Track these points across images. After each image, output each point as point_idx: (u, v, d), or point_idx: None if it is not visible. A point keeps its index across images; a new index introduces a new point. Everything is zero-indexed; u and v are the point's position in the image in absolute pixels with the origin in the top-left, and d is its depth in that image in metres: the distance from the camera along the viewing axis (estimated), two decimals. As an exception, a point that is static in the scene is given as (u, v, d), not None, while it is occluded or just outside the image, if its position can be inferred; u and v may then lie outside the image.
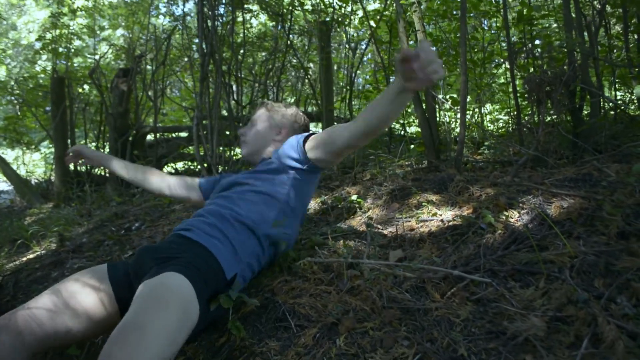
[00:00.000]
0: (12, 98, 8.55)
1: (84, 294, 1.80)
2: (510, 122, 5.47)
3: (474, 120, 5.10)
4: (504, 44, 5.49)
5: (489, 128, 5.66)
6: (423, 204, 2.66)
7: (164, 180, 2.66)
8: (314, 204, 3.20)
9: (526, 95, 3.43)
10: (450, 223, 2.37)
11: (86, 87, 8.29)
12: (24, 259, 3.94)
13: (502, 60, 5.07)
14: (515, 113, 4.57)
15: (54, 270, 3.41)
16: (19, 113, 8.79)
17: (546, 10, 4.54)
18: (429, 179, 3.09)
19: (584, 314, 1.56)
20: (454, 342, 1.57)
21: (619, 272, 1.76)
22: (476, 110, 5.25)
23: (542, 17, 4.25)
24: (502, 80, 5.77)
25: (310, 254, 2.29)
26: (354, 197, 2.93)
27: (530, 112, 4.02)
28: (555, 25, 4.88)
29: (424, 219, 2.49)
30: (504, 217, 2.29)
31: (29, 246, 4.37)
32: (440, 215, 2.49)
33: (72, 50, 8.08)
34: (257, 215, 2.11)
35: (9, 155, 13.11)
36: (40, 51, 7.94)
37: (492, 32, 5.10)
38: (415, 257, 2.17)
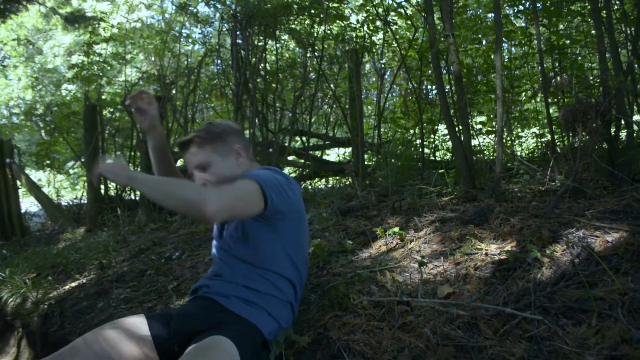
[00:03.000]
0: (41, 122, 8.76)
1: (128, 345, 1.86)
2: (539, 146, 5.50)
3: (507, 147, 5.13)
4: (531, 69, 5.55)
5: (518, 151, 5.69)
6: (466, 237, 2.70)
7: None
8: (354, 235, 3.26)
9: (562, 124, 3.46)
10: (496, 257, 2.41)
11: (116, 112, 8.48)
12: (67, 287, 4.04)
13: (532, 86, 5.11)
14: (546, 139, 4.60)
15: (99, 300, 3.50)
16: (44, 137, 9.01)
17: (576, 36, 4.58)
18: (468, 210, 3.13)
19: (639, 353, 1.60)
20: (512, 381, 1.61)
21: (670, 310, 1.80)
22: (507, 136, 5.28)
23: (574, 42, 4.29)
24: (528, 102, 5.82)
25: (359, 289, 2.35)
26: (395, 229, 2.98)
27: (562, 140, 4.05)
28: (584, 50, 4.92)
29: (468, 253, 2.53)
30: (549, 252, 2.33)
31: (69, 273, 4.48)
32: (485, 248, 2.54)
33: (104, 77, 8.29)
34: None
35: (34, 175, 13.42)
36: (73, 79, 8.16)
37: (521, 58, 5.14)
38: (463, 292, 2.21)
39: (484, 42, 5.07)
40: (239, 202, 1.85)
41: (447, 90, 4.29)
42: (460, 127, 3.70)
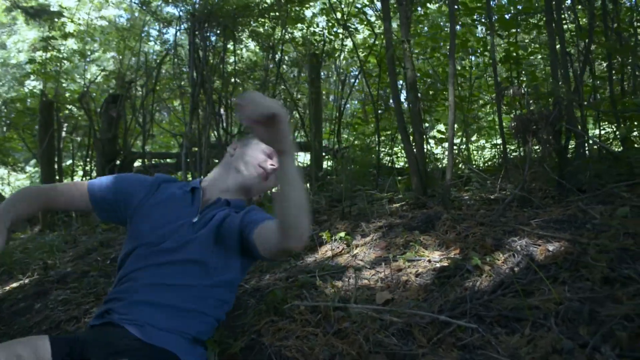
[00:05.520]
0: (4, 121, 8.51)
1: None
2: (496, 156, 5.55)
3: (460, 155, 5.15)
4: (489, 79, 5.60)
5: (475, 160, 5.72)
6: (411, 243, 2.67)
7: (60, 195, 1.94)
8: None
9: (513, 134, 3.48)
10: (438, 264, 2.39)
11: (74, 110, 8.27)
12: (7, 288, 3.88)
13: (489, 96, 5.15)
14: (501, 148, 4.63)
15: (37, 302, 3.35)
16: (4, 134, 8.76)
17: (533, 48, 4.64)
18: (416, 217, 3.11)
19: (568, 364, 1.58)
20: (440, 390, 1.57)
21: (603, 320, 1.78)
22: (464, 145, 5.31)
23: (529, 54, 4.33)
24: (489, 113, 5.88)
25: (298, 294, 2.29)
26: (342, 234, 2.94)
27: (516, 149, 4.08)
28: (541, 61, 4.98)
29: (411, 259, 2.50)
30: (490, 260, 2.31)
31: (12, 274, 4.31)
32: (428, 255, 2.51)
33: (62, 74, 8.08)
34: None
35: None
36: (31, 75, 7.94)
37: (478, 68, 5.19)
38: (402, 299, 2.18)
39: (442, 51, 5.09)
40: None
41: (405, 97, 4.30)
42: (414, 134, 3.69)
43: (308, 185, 4.66)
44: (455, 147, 5.21)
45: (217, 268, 1.77)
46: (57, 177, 7.74)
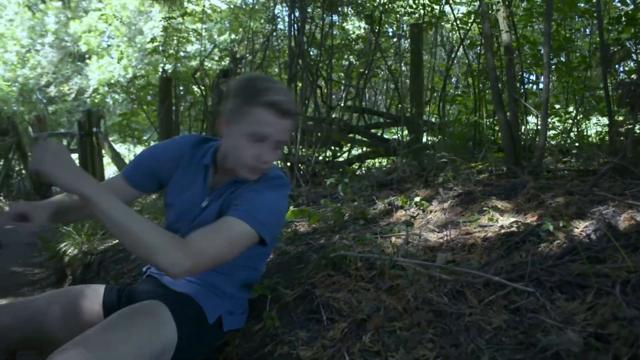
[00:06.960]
0: (123, 94, 9.21)
1: (78, 308, 1.84)
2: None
3: (570, 127, 4.79)
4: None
5: (591, 136, 5.29)
6: (487, 209, 2.54)
7: None
8: (380, 205, 3.17)
9: (618, 101, 3.17)
10: (509, 230, 2.25)
11: (193, 87, 8.77)
12: (115, 241, 4.25)
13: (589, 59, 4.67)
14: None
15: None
16: (130, 109, 9.48)
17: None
18: (500, 185, 2.95)
19: (627, 332, 1.42)
20: (478, 348, 1.49)
21: (681, 292, 1.59)
22: (573, 116, 4.92)
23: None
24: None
25: (359, 251, 2.27)
26: (417, 199, 2.87)
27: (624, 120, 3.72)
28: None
29: (483, 225, 2.38)
30: (568, 227, 2.14)
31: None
32: (501, 221, 2.37)
33: (181, 53, 8.58)
34: None
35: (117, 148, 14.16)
36: (151, 53, 8.54)
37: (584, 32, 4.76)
38: (464, 261, 2.08)
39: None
40: (219, 256, 1.62)
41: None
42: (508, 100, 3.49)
43: (397, 156, 4.58)
44: (558, 117, 4.88)
45: None
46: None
